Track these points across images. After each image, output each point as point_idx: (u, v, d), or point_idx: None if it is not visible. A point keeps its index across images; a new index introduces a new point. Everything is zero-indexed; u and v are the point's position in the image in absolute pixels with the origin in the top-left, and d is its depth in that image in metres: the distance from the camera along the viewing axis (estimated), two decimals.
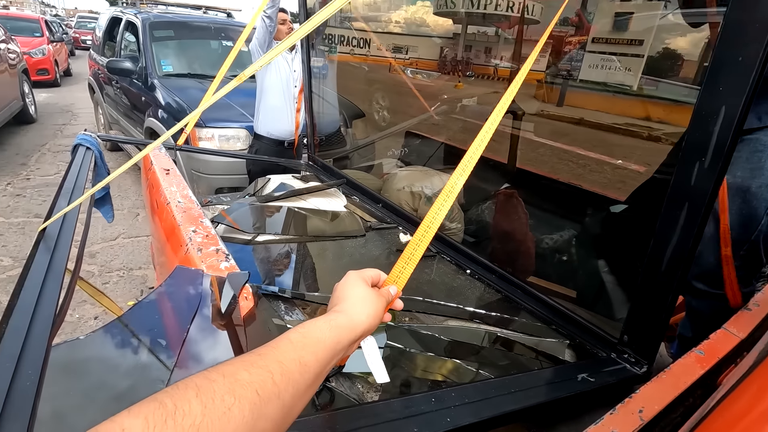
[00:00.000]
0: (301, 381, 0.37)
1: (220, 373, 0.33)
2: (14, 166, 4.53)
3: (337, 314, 0.46)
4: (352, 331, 0.45)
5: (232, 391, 0.31)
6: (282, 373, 0.35)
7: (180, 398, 0.29)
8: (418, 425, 0.53)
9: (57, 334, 1.41)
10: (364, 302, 0.49)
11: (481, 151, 0.57)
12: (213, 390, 0.31)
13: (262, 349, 0.38)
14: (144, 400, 0.29)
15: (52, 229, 0.90)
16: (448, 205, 0.56)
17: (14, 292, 0.61)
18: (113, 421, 0.27)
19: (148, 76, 3.67)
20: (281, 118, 2.70)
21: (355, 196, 1.89)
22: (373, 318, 0.49)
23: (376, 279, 0.56)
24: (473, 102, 3.28)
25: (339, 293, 0.51)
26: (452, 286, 1.28)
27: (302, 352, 0.38)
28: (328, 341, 0.42)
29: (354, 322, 0.46)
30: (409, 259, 0.56)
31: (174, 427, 0.27)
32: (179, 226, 1.21)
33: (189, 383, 0.31)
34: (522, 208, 1.32)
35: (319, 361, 0.40)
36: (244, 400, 0.31)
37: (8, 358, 0.48)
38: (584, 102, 3.77)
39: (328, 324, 0.44)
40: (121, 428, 0.26)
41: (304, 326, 0.42)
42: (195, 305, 0.79)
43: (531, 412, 0.66)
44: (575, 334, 0.99)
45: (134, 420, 0.26)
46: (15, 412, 0.42)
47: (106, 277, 2.81)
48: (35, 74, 8.14)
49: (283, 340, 0.39)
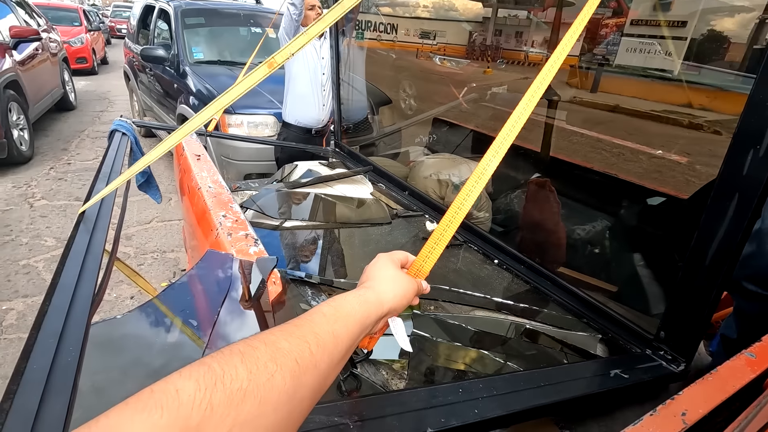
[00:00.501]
0: (335, 352, 0.38)
1: (262, 342, 0.33)
2: (56, 151, 4.74)
3: (366, 290, 0.48)
4: (379, 307, 0.47)
5: (274, 358, 0.32)
6: (318, 344, 0.36)
7: (227, 363, 0.30)
8: (444, 415, 0.53)
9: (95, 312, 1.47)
10: (393, 281, 0.51)
11: (517, 131, 0.55)
12: (256, 357, 0.31)
13: (297, 321, 0.39)
14: (193, 364, 0.30)
15: (90, 212, 0.93)
16: (480, 187, 0.54)
17: (56, 271, 0.64)
18: (167, 381, 0.28)
19: (180, 63, 3.74)
20: (309, 106, 2.70)
21: (381, 184, 1.88)
22: (400, 298, 0.50)
23: (404, 261, 0.57)
24: (502, 88, 3.20)
25: (368, 272, 0.53)
26: (479, 275, 1.27)
27: (335, 325, 0.40)
28: (358, 315, 0.43)
29: (381, 299, 0.48)
30: (437, 242, 0.55)
31: (223, 390, 0.28)
32: (210, 210, 1.24)
33: (233, 349, 0.32)
34: (554, 197, 1.28)
35: (350, 334, 0.41)
36: (286, 368, 0.32)
37: (51, 335, 0.50)
38: (620, 88, 3.61)
39: (358, 299, 0.45)
40: (175, 389, 0.27)
41: (335, 300, 0.44)
42: (225, 288, 0.81)
43: (561, 407, 0.64)
44: (608, 328, 0.95)
45: (186, 382, 0.27)
46: (58, 386, 0.44)
47: (141, 258, 2.92)
48: (74, 63, 8.44)
49: (317, 313, 0.41)
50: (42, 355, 0.47)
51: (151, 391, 0.27)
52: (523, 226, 1.40)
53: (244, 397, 0.29)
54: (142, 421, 0.24)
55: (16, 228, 3.15)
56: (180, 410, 0.26)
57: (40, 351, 0.47)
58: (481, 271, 1.29)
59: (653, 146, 3.15)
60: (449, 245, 1.45)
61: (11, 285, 2.54)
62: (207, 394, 0.27)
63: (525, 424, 0.61)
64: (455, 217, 0.54)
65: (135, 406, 0.25)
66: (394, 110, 3.54)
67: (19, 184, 3.85)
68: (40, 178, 4.02)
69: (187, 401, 0.26)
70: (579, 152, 3.32)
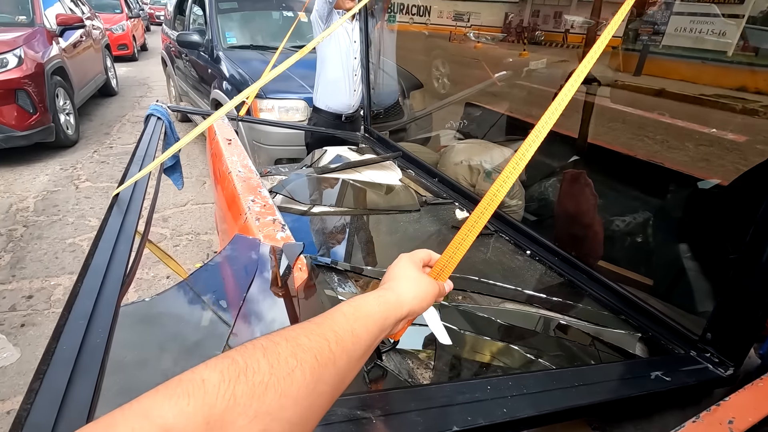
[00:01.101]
0: (354, 351, 0.39)
1: (283, 337, 0.35)
2: (99, 136, 4.94)
3: (385, 291, 0.48)
4: (398, 308, 0.47)
5: (294, 354, 0.33)
6: (337, 342, 0.37)
7: (250, 357, 0.31)
8: (471, 413, 0.51)
9: (130, 290, 1.51)
10: (413, 283, 0.51)
11: (556, 117, 0.51)
12: (278, 352, 0.33)
13: (317, 319, 0.40)
14: (218, 356, 0.31)
15: (124, 195, 0.95)
16: (515, 176, 0.51)
17: (89, 253, 0.65)
18: (193, 372, 0.29)
19: (214, 48, 3.79)
20: (340, 91, 2.67)
21: (410, 170, 1.84)
22: (420, 300, 0.50)
23: (426, 260, 0.57)
24: (539, 70, 3.06)
25: (390, 273, 0.53)
26: (510, 266, 1.22)
27: (354, 324, 0.40)
28: (377, 316, 0.44)
29: (401, 301, 0.48)
30: (464, 238, 0.52)
31: (246, 382, 0.29)
32: (239, 195, 1.25)
33: (256, 344, 0.33)
34: (590, 190, 1.21)
35: (369, 334, 0.42)
36: (306, 363, 0.33)
37: (81, 316, 0.51)
38: (667, 71, 3.38)
39: (377, 300, 0.46)
40: (201, 378, 0.28)
41: (356, 300, 0.44)
42: (251, 273, 0.81)
43: (595, 409, 0.61)
44: (648, 326, 0.90)
45: (212, 373, 0.29)
46: (86, 367, 0.45)
47: (177, 240, 3.03)
48: (116, 49, 8.74)
49: (337, 312, 0.41)
50: (72, 336, 0.48)
51: (179, 380, 0.28)
52: (558, 219, 1.34)
53: (266, 390, 0.30)
54: (170, 407, 0.26)
55: (64, 208, 3.32)
56: (205, 399, 0.27)
57: (70, 331, 0.48)
58: (512, 261, 1.24)
59: (701, 132, 2.94)
60: (480, 234, 1.40)
61: (59, 262, 2.69)
62: (231, 385, 0.29)
63: (557, 425, 0.58)
64: (487, 209, 0.51)
65: (165, 393, 0.27)
66: (426, 94, 3.47)
67: (66, 167, 4.05)
68: (84, 161, 4.21)
69: (212, 391, 0.28)
70: (620, 139, 3.16)
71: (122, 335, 0.54)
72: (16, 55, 3.77)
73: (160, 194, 3.83)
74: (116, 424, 0.25)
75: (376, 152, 2.04)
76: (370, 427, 0.46)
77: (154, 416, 0.26)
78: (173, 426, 0.26)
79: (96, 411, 0.44)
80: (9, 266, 2.61)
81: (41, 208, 3.30)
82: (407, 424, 0.47)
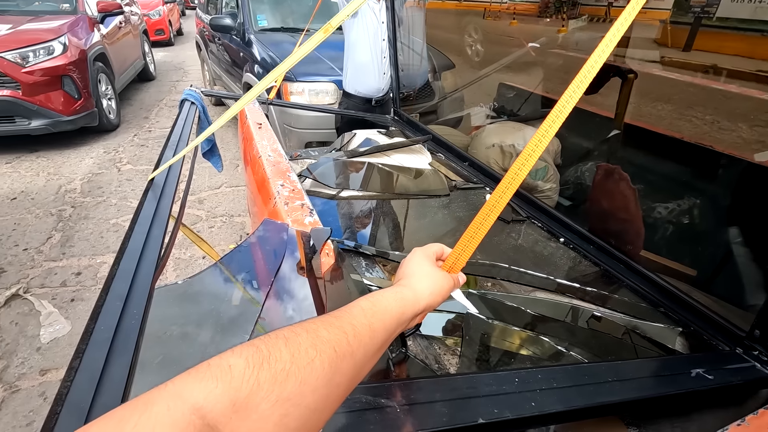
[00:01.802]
0: (371, 344, 0.40)
1: (304, 329, 0.36)
2: (139, 120, 5.12)
3: (402, 288, 0.50)
4: (415, 304, 0.49)
5: (314, 345, 0.35)
6: (355, 335, 0.39)
7: (273, 346, 0.33)
8: (498, 405, 0.49)
9: (169, 269, 1.57)
10: (428, 278, 0.52)
11: (579, 96, 0.48)
12: (299, 342, 0.35)
13: (337, 313, 0.41)
14: (244, 344, 0.33)
15: (159, 179, 0.98)
16: (536, 155, 0.48)
17: (125, 236, 0.68)
18: (221, 357, 0.31)
19: (246, 31, 3.81)
20: (369, 74, 2.62)
21: (440, 153, 1.81)
22: (436, 295, 0.52)
23: (439, 254, 0.59)
24: (579, 47, 2.91)
25: (405, 269, 0.54)
26: (542, 254, 1.19)
27: (372, 319, 0.42)
28: (394, 311, 0.45)
29: (418, 297, 0.49)
30: (479, 226, 0.51)
31: (269, 369, 0.31)
32: (269, 179, 1.26)
33: (279, 334, 0.35)
34: (626, 185, 1.14)
35: (386, 329, 0.43)
36: (324, 354, 0.35)
37: (118, 298, 0.53)
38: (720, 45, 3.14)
39: (395, 296, 0.47)
40: (228, 364, 0.30)
41: (374, 296, 0.46)
42: (280, 256, 0.82)
43: (630, 406, 0.58)
44: (690, 320, 0.85)
45: (238, 359, 0.31)
46: (121, 347, 0.47)
47: (212, 221, 3.12)
48: (153, 34, 8.96)
49: (356, 306, 0.43)
50: (109, 317, 0.50)
51: (208, 365, 0.31)
52: (592, 217, 1.28)
53: (287, 377, 0.32)
54: (200, 389, 0.28)
55: (107, 190, 3.48)
56: (232, 383, 0.29)
57: (107, 312, 0.50)
58: (545, 249, 1.21)
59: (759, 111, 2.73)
60: (511, 221, 1.35)
61: (103, 241, 2.84)
62: (255, 372, 0.31)
63: (588, 421, 0.56)
64: (508, 188, 0.48)
65: (195, 376, 0.30)
66: (458, 75, 3.38)
67: (109, 150, 4.23)
68: (125, 145, 4.38)
69: (238, 376, 0.30)
70: (665, 120, 2.98)
71: (161, 312, 0.56)
72: (61, 43, 3.93)
73: (196, 177, 3.93)
74: (154, 402, 0.27)
75: (406, 135, 2.01)
76: (393, 416, 0.46)
77: (186, 396, 0.28)
78: (203, 406, 0.28)
79: (132, 388, 0.45)
80: (59, 244, 2.78)
81: (87, 189, 3.47)
82: (432, 414, 0.47)
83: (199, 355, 0.57)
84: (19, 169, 3.75)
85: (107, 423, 0.26)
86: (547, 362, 0.85)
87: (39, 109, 3.80)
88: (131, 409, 0.26)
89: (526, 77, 2.56)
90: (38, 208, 3.17)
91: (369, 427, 0.44)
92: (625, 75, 1.73)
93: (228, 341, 0.60)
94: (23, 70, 3.65)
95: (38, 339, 2.06)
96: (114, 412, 0.27)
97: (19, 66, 3.64)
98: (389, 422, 0.45)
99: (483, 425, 0.46)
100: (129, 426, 0.25)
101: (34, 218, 3.03)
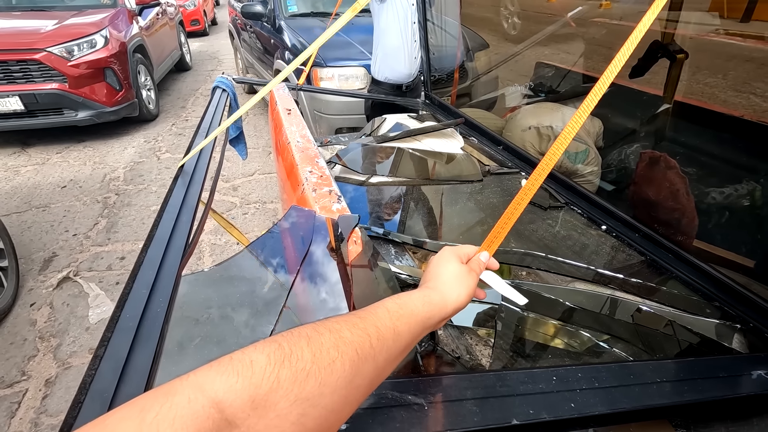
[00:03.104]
0: (394, 347, 0.40)
1: (327, 328, 0.36)
2: (176, 109, 5.27)
3: (431, 291, 0.49)
4: (443, 309, 0.47)
5: (336, 346, 0.35)
6: (378, 338, 0.38)
7: (295, 344, 0.33)
8: (533, 406, 0.46)
9: (205, 255, 1.60)
10: (457, 280, 0.51)
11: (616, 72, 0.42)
12: (321, 342, 0.34)
13: (362, 312, 0.41)
14: (267, 340, 0.33)
15: (189, 166, 0.98)
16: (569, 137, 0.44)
17: (154, 224, 0.68)
18: (243, 352, 0.31)
19: (276, 18, 3.81)
20: (399, 60, 2.55)
21: (473, 137, 1.74)
22: (464, 297, 0.50)
23: (471, 255, 0.57)
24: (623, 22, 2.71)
25: (433, 269, 0.53)
26: (582, 242, 1.12)
27: (397, 322, 0.41)
28: (420, 316, 0.44)
29: (446, 301, 0.48)
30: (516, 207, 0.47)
31: (290, 367, 0.31)
32: (297, 165, 1.25)
33: (302, 332, 0.35)
34: (675, 173, 1.05)
35: (411, 333, 0.42)
36: (346, 356, 0.35)
37: (144, 285, 0.53)
38: None
39: (422, 300, 0.46)
40: (250, 360, 0.31)
41: (401, 297, 0.45)
42: (307, 243, 0.81)
43: (681, 410, 0.53)
44: (749, 316, 0.78)
45: (260, 355, 0.31)
46: (146, 335, 0.47)
47: (245, 208, 3.19)
48: (189, 25, 9.15)
49: (381, 307, 0.42)
50: (135, 305, 0.50)
51: (230, 358, 0.31)
52: (639, 207, 1.18)
53: (307, 377, 0.32)
54: (222, 382, 0.29)
55: (148, 178, 3.62)
56: (252, 379, 0.30)
57: (133, 300, 0.51)
58: (585, 237, 1.14)
59: None
60: (548, 207, 1.28)
61: (145, 227, 2.95)
62: (276, 369, 0.31)
63: (634, 424, 0.52)
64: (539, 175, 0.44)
65: (218, 369, 0.30)
66: (492, 55, 3.25)
67: (149, 139, 4.39)
68: (164, 134, 4.53)
69: (258, 372, 0.30)
70: (719, 97, 2.75)
71: (193, 296, 0.56)
72: (102, 36, 4.07)
73: (230, 164, 4.01)
74: (176, 392, 0.27)
75: (437, 119, 1.96)
76: (421, 414, 0.43)
77: (207, 389, 0.28)
78: (223, 400, 0.28)
79: (157, 374, 0.45)
80: (105, 230, 2.92)
81: (129, 177, 3.62)
82: (462, 413, 0.44)
83: (234, 339, 0.56)
84: (68, 158, 3.95)
85: (130, 411, 0.26)
86: (587, 358, 0.80)
87: (84, 101, 3.97)
88: (153, 398, 0.27)
89: (565, 54, 2.42)
90: (86, 195, 3.34)
91: (395, 425, 0.41)
92: (674, 55, 1.57)
93: (260, 326, 0.60)
94: (69, 63, 3.82)
95: (87, 319, 2.18)
96: (137, 401, 0.27)
97: (65, 60, 3.80)
98: (416, 420, 0.42)
99: (517, 426, 0.43)
100: (150, 415, 0.25)
101: (82, 205, 3.20)
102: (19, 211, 3.11)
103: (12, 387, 1.86)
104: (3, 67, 3.66)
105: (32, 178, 3.58)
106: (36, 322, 2.18)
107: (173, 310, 0.51)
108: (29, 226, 2.94)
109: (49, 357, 1.99)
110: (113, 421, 0.25)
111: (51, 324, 2.16)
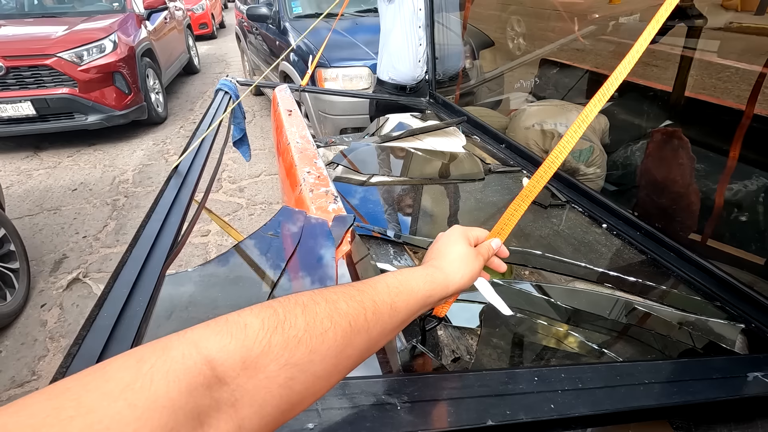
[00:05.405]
0: (389, 323, 0.40)
1: (324, 298, 0.37)
2: (185, 112, 5.34)
3: (434, 269, 0.48)
4: (445, 288, 0.47)
5: (330, 317, 0.35)
6: (374, 312, 0.38)
7: (290, 312, 0.34)
8: (511, 407, 0.45)
9: (211, 254, 1.60)
10: (463, 261, 0.50)
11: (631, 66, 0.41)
12: (316, 312, 0.35)
13: (361, 285, 0.41)
14: (262, 304, 0.34)
15: (185, 168, 0.99)
16: (576, 137, 0.43)
17: (141, 223, 0.68)
18: (239, 314, 0.32)
19: (281, 19, 3.83)
20: (403, 62, 2.55)
21: (476, 136, 1.73)
22: (468, 278, 0.50)
23: (481, 239, 0.56)
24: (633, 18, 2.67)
25: (440, 247, 0.52)
26: (583, 240, 1.10)
27: (396, 298, 0.41)
28: (421, 293, 0.44)
29: (449, 281, 0.48)
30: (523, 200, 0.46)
31: (282, 333, 0.32)
32: (296, 166, 1.25)
33: (297, 300, 0.36)
34: (687, 152, 1.02)
35: (409, 309, 0.42)
36: (339, 327, 0.35)
37: (125, 285, 0.53)
38: None
39: (425, 278, 0.46)
40: (244, 323, 0.32)
41: (402, 273, 0.45)
42: (294, 245, 0.80)
43: (671, 411, 0.52)
44: (750, 316, 0.75)
45: (254, 319, 0.32)
46: (122, 334, 0.47)
47: (251, 209, 3.21)
48: (197, 28, 9.26)
49: (381, 282, 0.42)
50: (114, 304, 0.50)
51: (226, 320, 0.32)
52: (643, 185, 1.16)
53: (298, 344, 0.33)
54: (215, 341, 0.30)
55: (156, 180, 3.67)
56: (245, 342, 0.30)
57: (112, 300, 0.51)
58: (587, 235, 1.12)
59: None
60: (548, 205, 1.26)
61: None
62: (268, 334, 0.32)
63: (623, 426, 0.50)
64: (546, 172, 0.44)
65: (213, 329, 0.31)
66: (497, 53, 3.22)
67: (158, 142, 4.44)
68: (172, 137, 4.58)
69: (251, 335, 0.31)
70: (732, 92, 2.69)
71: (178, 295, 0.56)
72: (111, 41, 4.14)
73: (237, 165, 4.03)
74: (172, 347, 0.28)
75: (440, 118, 1.94)
76: (393, 413, 0.42)
77: (201, 347, 0.29)
78: (215, 358, 0.29)
79: None
80: (114, 232, 2.96)
81: (138, 180, 3.67)
82: (436, 414, 0.43)
83: None
84: (79, 161, 4.02)
85: (127, 360, 0.27)
86: (585, 359, 0.79)
87: (94, 105, 4.04)
88: (151, 351, 0.27)
89: (572, 52, 2.39)
90: (95, 198, 3.39)
91: (365, 425, 0.41)
92: (693, 20, 1.43)
93: None
94: (79, 68, 3.89)
95: None
96: (135, 351, 0.28)
97: (75, 65, 3.87)
98: (388, 420, 0.41)
99: (492, 427, 0.42)
100: (146, 366, 0.26)
101: (92, 208, 3.25)
102: (31, 213, 3.18)
103: (23, 387, 1.89)
104: (15, 73, 3.75)
105: (44, 181, 3.65)
106: (46, 322, 2.22)
107: (155, 310, 0.51)
108: (41, 228, 3.00)
109: (58, 357, 2.02)
110: (112, 368, 0.26)
111: (61, 325, 2.20)
